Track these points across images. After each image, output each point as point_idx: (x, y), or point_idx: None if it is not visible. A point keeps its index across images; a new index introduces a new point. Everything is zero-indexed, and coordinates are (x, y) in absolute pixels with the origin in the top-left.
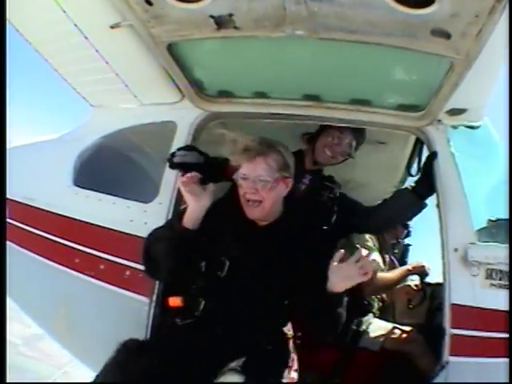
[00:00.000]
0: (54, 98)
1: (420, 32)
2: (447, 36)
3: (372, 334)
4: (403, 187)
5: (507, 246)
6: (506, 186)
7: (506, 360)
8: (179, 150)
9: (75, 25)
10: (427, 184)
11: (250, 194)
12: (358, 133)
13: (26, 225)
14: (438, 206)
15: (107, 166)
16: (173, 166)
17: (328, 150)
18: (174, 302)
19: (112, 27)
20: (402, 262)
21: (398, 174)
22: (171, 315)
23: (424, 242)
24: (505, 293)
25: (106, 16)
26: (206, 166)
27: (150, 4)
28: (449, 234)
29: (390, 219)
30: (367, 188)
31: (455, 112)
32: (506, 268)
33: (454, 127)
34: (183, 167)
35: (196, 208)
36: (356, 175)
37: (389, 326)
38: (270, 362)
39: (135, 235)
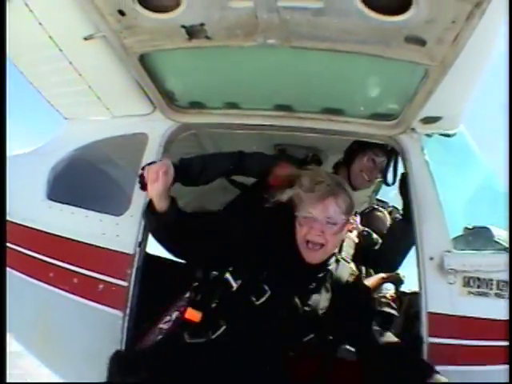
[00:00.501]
0: (28, 111)
1: (394, 39)
2: (422, 43)
3: (347, 345)
4: (392, 221)
5: (485, 253)
6: (506, 190)
7: (485, 368)
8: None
9: (50, 37)
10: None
11: (315, 236)
12: (390, 152)
13: None
14: (411, 215)
15: (80, 179)
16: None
17: (365, 174)
18: (192, 315)
19: (86, 39)
20: (378, 271)
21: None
22: (181, 327)
23: None
24: (483, 300)
25: (80, 28)
26: (178, 177)
27: (123, 14)
28: (424, 243)
29: (396, 258)
30: None
31: (429, 120)
32: (483, 275)
33: (429, 136)
34: None
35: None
36: None
37: None
38: None
39: (107, 248)
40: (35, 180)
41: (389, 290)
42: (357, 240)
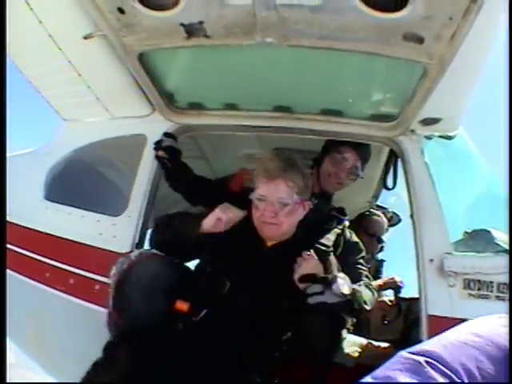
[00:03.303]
0: (28, 112)
1: (392, 37)
2: (420, 40)
3: (346, 350)
4: None
5: (485, 255)
6: (506, 192)
7: None
8: (167, 136)
9: (50, 35)
10: None
11: (268, 217)
12: (362, 150)
13: None
14: (411, 216)
15: (78, 180)
16: (160, 148)
17: (333, 178)
18: (181, 306)
19: (85, 38)
20: (377, 278)
21: (372, 187)
22: (171, 319)
23: (399, 256)
24: (483, 303)
25: (80, 27)
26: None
27: (123, 12)
28: (424, 245)
29: None
30: (343, 203)
31: (429, 122)
32: (484, 278)
33: (428, 138)
34: (170, 150)
35: None
36: None
37: (363, 341)
38: None
39: (104, 249)
40: (33, 180)
41: (387, 295)
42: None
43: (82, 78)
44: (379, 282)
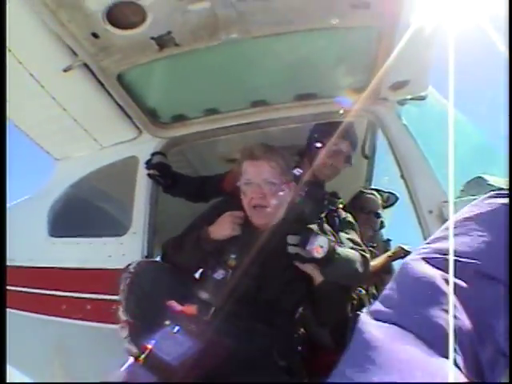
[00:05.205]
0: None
1: (341, 8)
2: (366, 5)
3: None
4: None
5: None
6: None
7: None
8: (155, 154)
9: (31, 74)
10: None
11: (257, 199)
12: (351, 137)
13: (10, 285)
14: (402, 176)
15: (79, 211)
16: (150, 167)
17: (329, 168)
18: (189, 310)
19: (65, 70)
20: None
21: (363, 172)
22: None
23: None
24: None
25: (58, 61)
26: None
27: (97, 37)
28: (419, 199)
29: None
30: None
31: (398, 85)
32: None
33: (401, 103)
34: (160, 167)
35: None
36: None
37: None
38: (283, 380)
39: (115, 269)
40: (36, 223)
41: None
42: None
43: (68, 113)
44: (388, 253)
